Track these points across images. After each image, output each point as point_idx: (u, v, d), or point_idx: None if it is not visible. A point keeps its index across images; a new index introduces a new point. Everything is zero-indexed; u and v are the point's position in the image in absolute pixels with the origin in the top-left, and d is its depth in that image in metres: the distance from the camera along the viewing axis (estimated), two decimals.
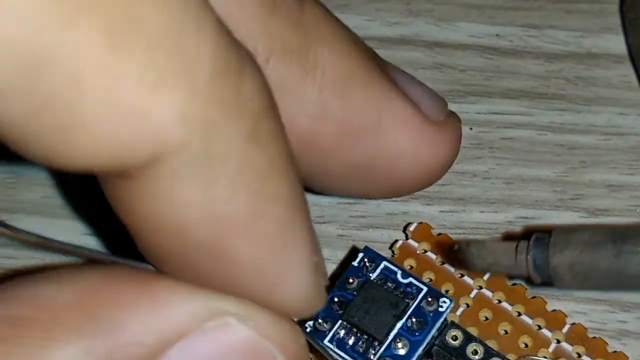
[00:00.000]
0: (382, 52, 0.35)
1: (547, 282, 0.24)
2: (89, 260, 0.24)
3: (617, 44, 0.34)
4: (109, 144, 0.17)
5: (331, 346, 0.26)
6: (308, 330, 0.26)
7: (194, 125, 0.17)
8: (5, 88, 0.16)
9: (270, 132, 0.19)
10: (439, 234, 0.30)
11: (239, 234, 0.19)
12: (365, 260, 0.27)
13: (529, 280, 0.25)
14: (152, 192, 0.18)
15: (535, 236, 0.24)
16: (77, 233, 0.31)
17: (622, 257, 0.22)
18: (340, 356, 0.26)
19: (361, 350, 0.26)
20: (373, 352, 0.26)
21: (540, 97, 0.34)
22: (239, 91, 0.18)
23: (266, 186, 0.19)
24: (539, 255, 0.24)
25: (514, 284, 0.28)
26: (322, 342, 0.26)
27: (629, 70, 0.34)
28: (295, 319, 0.23)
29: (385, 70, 0.27)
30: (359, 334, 0.26)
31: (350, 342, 0.26)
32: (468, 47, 0.35)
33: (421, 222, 0.30)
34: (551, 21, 0.35)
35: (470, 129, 0.33)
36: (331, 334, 0.26)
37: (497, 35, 0.35)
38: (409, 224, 0.30)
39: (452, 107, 0.33)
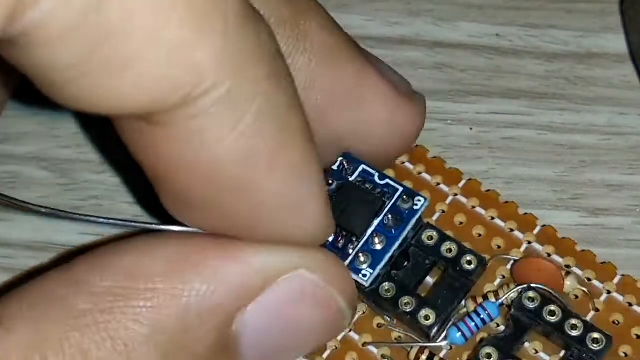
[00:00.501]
0: (382, 52, 0.35)
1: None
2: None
3: (617, 43, 0.34)
4: (153, 83, 0.18)
5: None
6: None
7: (228, 65, 0.19)
8: (68, 27, 0.17)
9: (284, 72, 0.20)
10: (417, 146, 0.31)
11: (268, 165, 0.20)
12: (345, 163, 0.28)
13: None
14: (185, 132, 0.19)
15: None
16: (74, 233, 0.31)
17: None
18: None
19: (340, 245, 0.27)
20: (352, 247, 0.27)
21: (540, 97, 0.34)
22: (258, 35, 0.19)
23: (288, 118, 0.20)
24: None
25: (488, 191, 0.30)
26: None
27: (629, 70, 0.34)
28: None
29: (362, 51, 0.28)
30: (338, 231, 0.27)
31: (330, 238, 0.27)
32: (468, 47, 0.35)
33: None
34: (551, 21, 0.35)
35: (470, 128, 0.33)
36: None
37: (497, 35, 0.35)
38: None
39: (452, 107, 0.34)
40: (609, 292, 0.28)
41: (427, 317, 0.27)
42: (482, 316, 0.27)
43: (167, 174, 0.20)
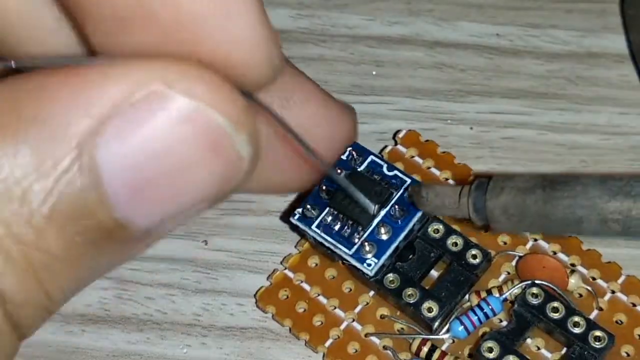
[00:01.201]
0: (382, 52, 0.35)
1: (487, 225, 0.25)
2: None
3: (617, 43, 0.34)
4: None
5: (318, 231, 0.27)
6: (297, 217, 0.28)
7: None
8: None
9: None
10: (427, 141, 0.31)
11: None
12: (354, 153, 0.28)
13: (472, 223, 0.26)
14: None
15: (477, 181, 0.25)
16: None
17: (549, 203, 0.24)
18: (327, 240, 0.27)
19: (346, 235, 0.27)
20: (357, 236, 0.27)
21: (540, 96, 0.34)
22: None
23: None
24: (478, 199, 0.25)
25: None
26: (310, 227, 0.27)
27: (629, 69, 0.34)
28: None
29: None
30: (344, 220, 0.27)
31: (337, 227, 0.27)
32: (468, 47, 0.35)
33: (410, 130, 0.31)
34: (551, 21, 0.35)
35: (471, 128, 0.33)
36: (318, 220, 0.28)
37: (497, 34, 0.35)
38: (398, 131, 0.31)
39: (452, 106, 0.34)
40: (613, 292, 0.28)
41: (430, 309, 0.27)
42: (485, 310, 0.27)
43: None
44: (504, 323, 0.27)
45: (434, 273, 0.28)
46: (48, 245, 0.19)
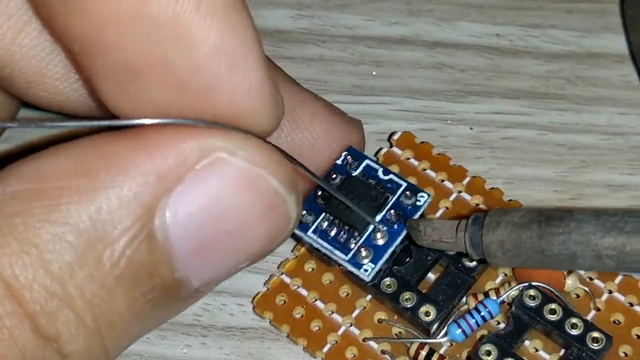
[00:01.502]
0: (382, 52, 0.35)
1: (484, 259, 0.25)
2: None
3: (617, 43, 0.34)
4: None
5: (314, 237, 0.27)
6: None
7: None
8: None
9: None
10: (422, 142, 0.31)
11: (195, 4, 0.19)
12: (349, 158, 0.28)
13: (469, 257, 0.26)
14: None
15: (474, 216, 0.25)
16: None
17: (544, 238, 0.24)
18: (323, 246, 0.27)
19: (342, 240, 0.27)
20: (354, 242, 0.27)
21: (540, 97, 0.34)
22: None
23: None
24: (475, 234, 0.25)
25: (492, 189, 0.30)
26: (306, 233, 0.27)
27: (629, 70, 0.34)
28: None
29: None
30: (340, 225, 0.27)
31: (332, 233, 0.27)
32: (468, 47, 0.35)
33: (405, 131, 0.31)
34: (551, 21, 0.35)
35: (471, 128, 0.33)
36: (314, 225, 0.28)
37: (497, 35, 0.35)
38: (393, 133, 0.31)
39: (452, 107, 0.34)
40: (610, 292, 0.28)
41: (427, 313, 0.27)
42: (482, 313, 0.27)
43: (94, 33, 0.19)
44: (502, 325, 0.27)
45: (431, 276, 0.28)
46: (116, 305, 0.20)
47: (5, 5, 0.22)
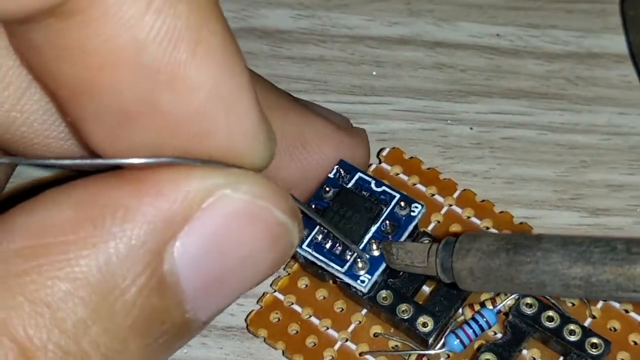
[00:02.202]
0: (382, 52, 0.35)
1: (454, 283, 0.26)
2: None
3: (617, 43, 0.34)
4: None
5: (309, 250, 0.27)
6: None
7: None
8: None
9: None
10: (411, 158, 0.31)
11: (190, 48, 0.19)
12: (341, 171, 0.28)
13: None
14: (102, 12, 0.18)
15: (445, 241, 0.26)
16: None
17: (512, 267, 0.24)
18: (318, 259, 0.27)
19: (338, 252, 0.27)
20: (349, 253, 0.27)
21: (540, 97, 0.34)
22: None
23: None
24: (445, 260, 0.25)
25: (483, 201, 0.30)
26: (301, 247, 0.27)
27: (629, 70, 0.34)
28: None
29: (296, 100, 0.29)
30: (335, 238, 0.27)
31: (327, 245, 0.27)
32: (468, 47, 0.35)
33: (394, 147, 0.31)
34: (552, 21, 0.35)
35: (471, 128, 0.33)
36: (309, 239, 0.27)
37: (497, 35, 0.35)
38: (382, 149, 0.31)
39: (452, 107, 0.34)
40: (605, 300, 0.28)
41: (425, 324, 0.27)
42: (480, 323, 0.27)
43: (88, 77, 0.19)
44: (499, 335, 0.27)
45: (426, 289, 0.28)
46: (131, 354, 0.20)
47: (4, 73, 0.22)
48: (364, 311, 0.28)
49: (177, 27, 0.19)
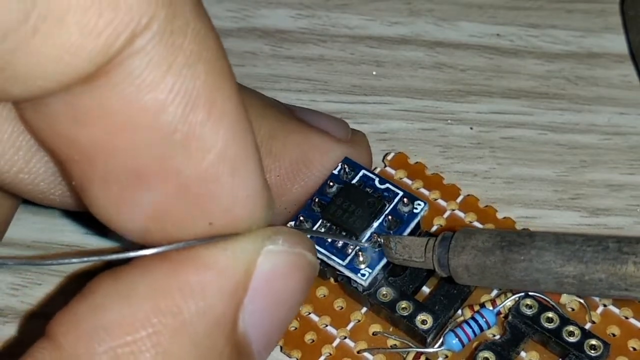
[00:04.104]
0: (382, 52, 0.35)
1: (452, 278, 0.26)
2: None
3: (617, 43, 0.34)
4: (96, 32, 0.18)
5: None
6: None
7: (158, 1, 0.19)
8: None
9: (207, 18, 0.20)
10: (416, 163, 0.31)
11: (206, 110, 0.20)
12: (345, 167, 0.29)
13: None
14: (125, 78, 0.19)
15: (441, 236, 0.26)
16: (77, 233, 0.31)
17: (507, 264, 0.25)
18: (319, 252, 0.27)
19: (339, 246, 0.27)
20: (351, 247, 0.27)
21: (540, 96, 0.34)
22: None
23: (218, 61, 0.20)
24: (442, 256, 0.26)
25: (486, 206, 0.30)
26: None
27: (629, 70, 0.34)
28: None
29: (293, 114, 0.30)
30: (337, 232, 0.27)
31: (329, 239, 0.27)
32: (469, 47, 0.35)
33: (399, 152, 0.31)
34: (552, 21, 0.35)
35: (471, 128, 0.33)
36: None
37: (497, 34, 0.35)
38: (387, 154, 0.31)
39: (452, 107, 0.34)
40: (605, 305, 0.28)
41: (424, 322, 0.27)
42: (479, 322, 0.27)
43: (105, 139, 0.20)
44: (498, 337, 0.27)
45: (426, 289, 0.28)
46: None
47: (15, 138, 0.23)
48: (364, 310, 0.28)
49: (195, 87, 0.20)
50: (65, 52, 0.18)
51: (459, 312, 0.28)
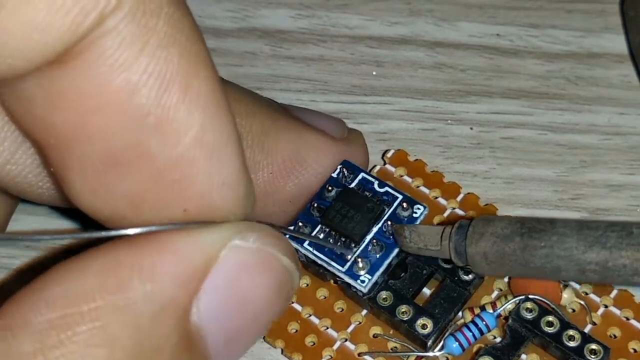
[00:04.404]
0: (382, 52, 0.35)
1: (468, 267, 0.26)
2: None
3: (617, 43, 0.34)
4: (57, 15, 0.18)
5: (310, 249, 0.27)
6: (288, 235, 0.27)
7: None
8: None
9: (181, 1, 0.20)
10: (416, 160, 0.31)
11: (181, 92, 0.20)
12: (344, 171, 0.28)
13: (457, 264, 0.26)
14: (98, 59, 0.19)
15: (458, 224, 0.25)
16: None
17: (527, 251, 0.24)
18: (319, 258, 0.27)
19: (339, 252, 0.27)
20: (350, 253, 0.27)
21: (540, 96, 0.34)
22: None
23: (192, 44, 0.20)
24: (459, 243, 0.25)
25: (486, 205, 0.30)
26: (302, 246, 0.27)
27: (629, 70, 0.34)
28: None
29: (289, 112, 0.30)
30: (337, 237, 0.27)
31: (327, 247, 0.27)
32: (469, 47, 0.35)
33: (398, 149, 0.31)
34: (552, 21, 0.35)
35: (471, 128, 0.33)
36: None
37: (497, 35, 0.35)
38: (386, 151, 0.31)
39: (452, 106, 0.34)
40: (605, 306, 0.28)
41: (424, 326, 0.27)
42: (479, 326, 0.27)
43: (79, 122, 0.20)
44: (498, 339, 0.27)
45: (426, 291, 0.28)
46: None
47: (0, 129, 0.23)
48: (364, 312, 0.28)
49: (169, 70, 0.20)
50: (33, 30, 0.18)
51: (460, 314, 0.28)
